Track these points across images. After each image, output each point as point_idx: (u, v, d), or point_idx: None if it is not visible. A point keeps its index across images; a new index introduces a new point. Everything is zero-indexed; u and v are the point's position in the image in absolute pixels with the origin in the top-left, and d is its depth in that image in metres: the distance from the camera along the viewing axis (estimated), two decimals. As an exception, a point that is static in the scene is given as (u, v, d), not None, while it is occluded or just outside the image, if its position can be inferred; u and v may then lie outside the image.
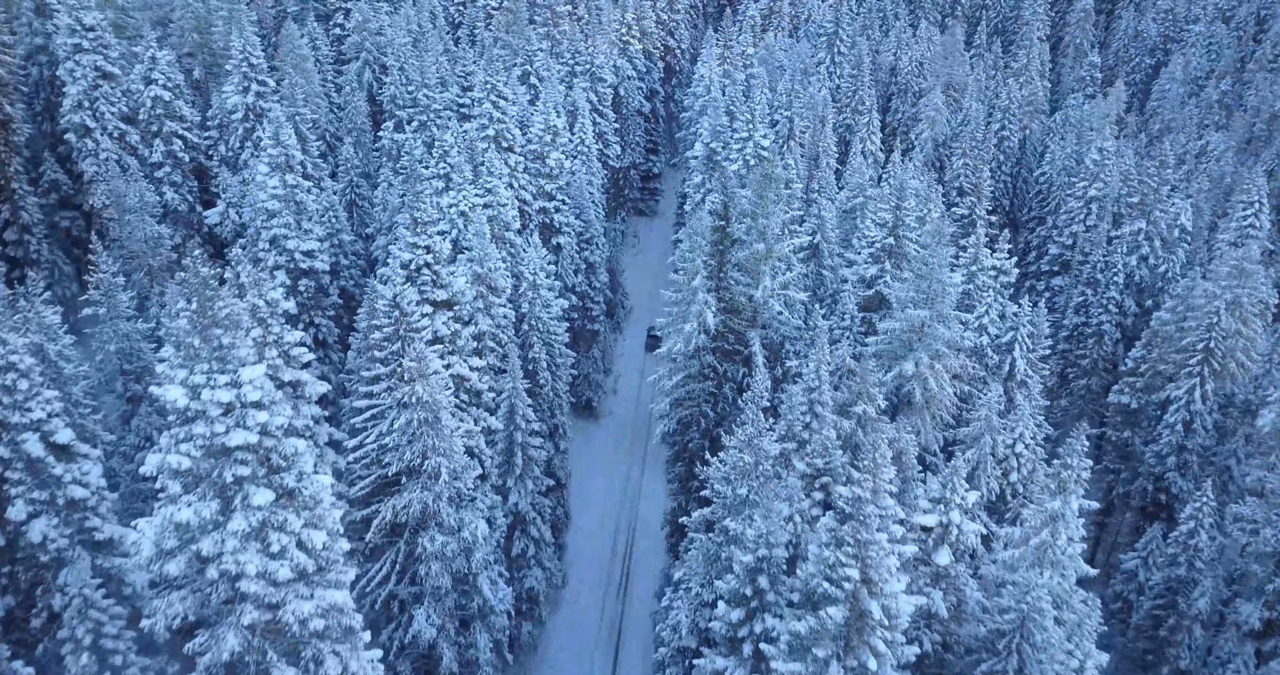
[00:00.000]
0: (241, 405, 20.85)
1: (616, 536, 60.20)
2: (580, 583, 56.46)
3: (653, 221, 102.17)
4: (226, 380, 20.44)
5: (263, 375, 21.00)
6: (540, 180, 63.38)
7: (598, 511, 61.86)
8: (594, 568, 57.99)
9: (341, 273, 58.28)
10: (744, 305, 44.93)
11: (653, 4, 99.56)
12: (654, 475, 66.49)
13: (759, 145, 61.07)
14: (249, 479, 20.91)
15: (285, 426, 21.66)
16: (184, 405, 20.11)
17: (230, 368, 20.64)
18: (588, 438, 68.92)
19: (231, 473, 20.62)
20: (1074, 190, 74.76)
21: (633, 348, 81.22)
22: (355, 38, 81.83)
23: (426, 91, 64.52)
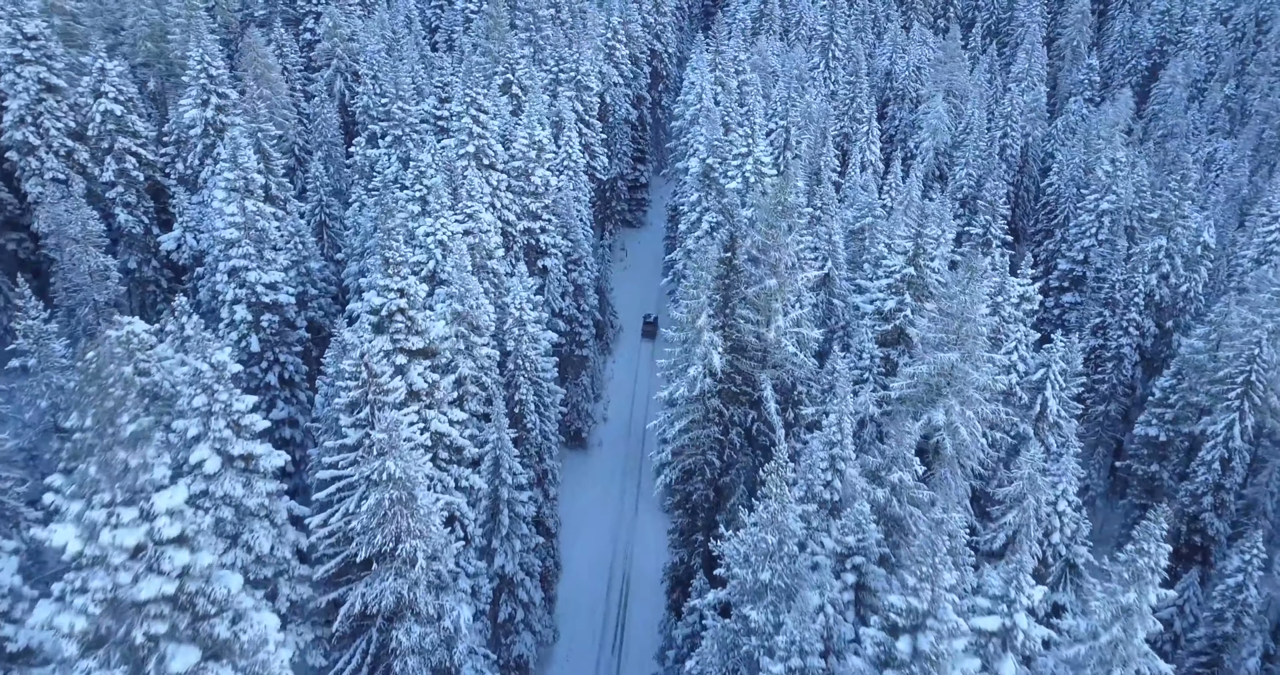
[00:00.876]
0: (156, 543, 16.17)
1: (610, 584, 55.57)
2: (572, 637, 51.82)
3: (640, 233, 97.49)
4: (134, 515, 15.76)
5: (183, 502, 16.29)
6: (525, 199, 58.64)
7: (590, 556, 57.21)
8: (587, 619, 53.37)
9: (310, 303, 53.33)
10: (753, 344, 40.39)
11: (638, 6, 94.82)
12: (649, 511, 62.03)
13: (759, 162, 56.51)
14: (167, 636, 16.25)
15: (214, 563, 16.95)
16: (77, 551, 15.44)
17: (140, 497, 15.92)
18: (578, 471, 64.30)
19: (143, 631, 15.96)
20: (1085, 203, 70.66)
21: (623, 369, 76.70)
22: (325, 44, 76.70)
23: (401, 104, 59.60)
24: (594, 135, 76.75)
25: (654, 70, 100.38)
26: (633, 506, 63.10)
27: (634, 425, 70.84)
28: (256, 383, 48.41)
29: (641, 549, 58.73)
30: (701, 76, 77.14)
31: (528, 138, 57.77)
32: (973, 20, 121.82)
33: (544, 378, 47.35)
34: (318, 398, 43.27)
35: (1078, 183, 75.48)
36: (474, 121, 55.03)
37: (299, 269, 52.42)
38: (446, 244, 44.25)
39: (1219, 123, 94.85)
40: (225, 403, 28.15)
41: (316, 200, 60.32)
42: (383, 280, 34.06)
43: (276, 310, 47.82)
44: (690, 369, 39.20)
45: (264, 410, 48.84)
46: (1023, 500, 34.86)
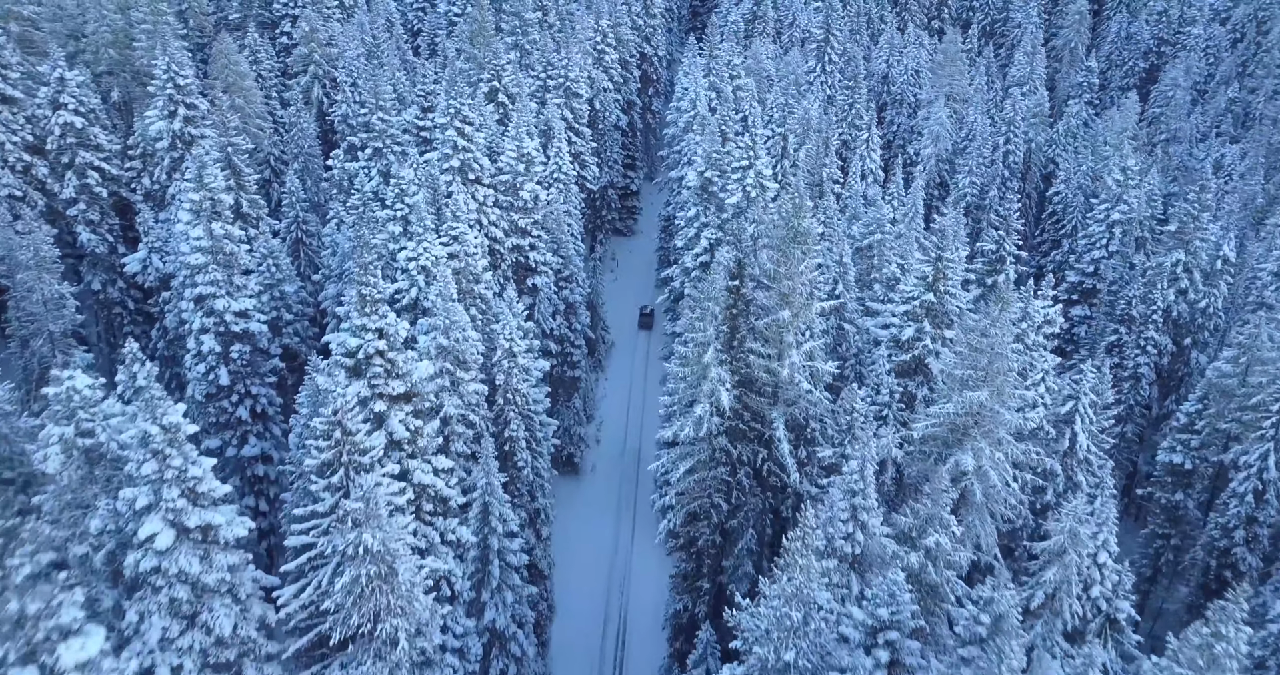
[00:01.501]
0: (63, 705, 12.87)
1: (607, 625, 52.28)
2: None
3: (631, 241, 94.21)
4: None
5: (98, 650, 12.94)
6: (513, 215, 55.23)
7: (585, 593, 53.87)
8: (584, 662, 50.07)
9: (284, 328, 49.81)
10: (764, 380, 37.13)
11: (627, 9, 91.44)
12: (646, 541, 58.70)
13: (760, 175, 53.24)
14: None
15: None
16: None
17: (44, 649, 12.58)
18: (571, 499, 60.89)
19: None
20: (1094, 213, 67.71)
21: (616, 385, 73.44)
22: (302, 49, 73.05)
23: (381, 115, 56.05)
24: (584, 144, 73.38)
25: (644, 74, 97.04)
26: (629, 536, 59.87)
27: (628, 444, 67.65)
28: (227, 417, 44.93)
29: (639, 584, 55.49)
30: (695, 82, 73.87)
31: (516, 150, 54.35)
32: (967, 21, 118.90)
33: (536, 411, 43.97)
34: (291, 436, 39.84)
35: (1085, 191, 72.62)
36: (459, 134, 51.58)
37: (272, 293, 48.89)
38: (430, 270, 40.84)
39: (1223, 127, 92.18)
40: (179, 468, 24.68)
41: (292, 216, 56.77)
42: (359, 319, 30.62)
43: (247, 340, 44.31)
44: (696, 407, 35.92)
45: (235, 445, 45.46)
46: (1063, 555, 31.76)
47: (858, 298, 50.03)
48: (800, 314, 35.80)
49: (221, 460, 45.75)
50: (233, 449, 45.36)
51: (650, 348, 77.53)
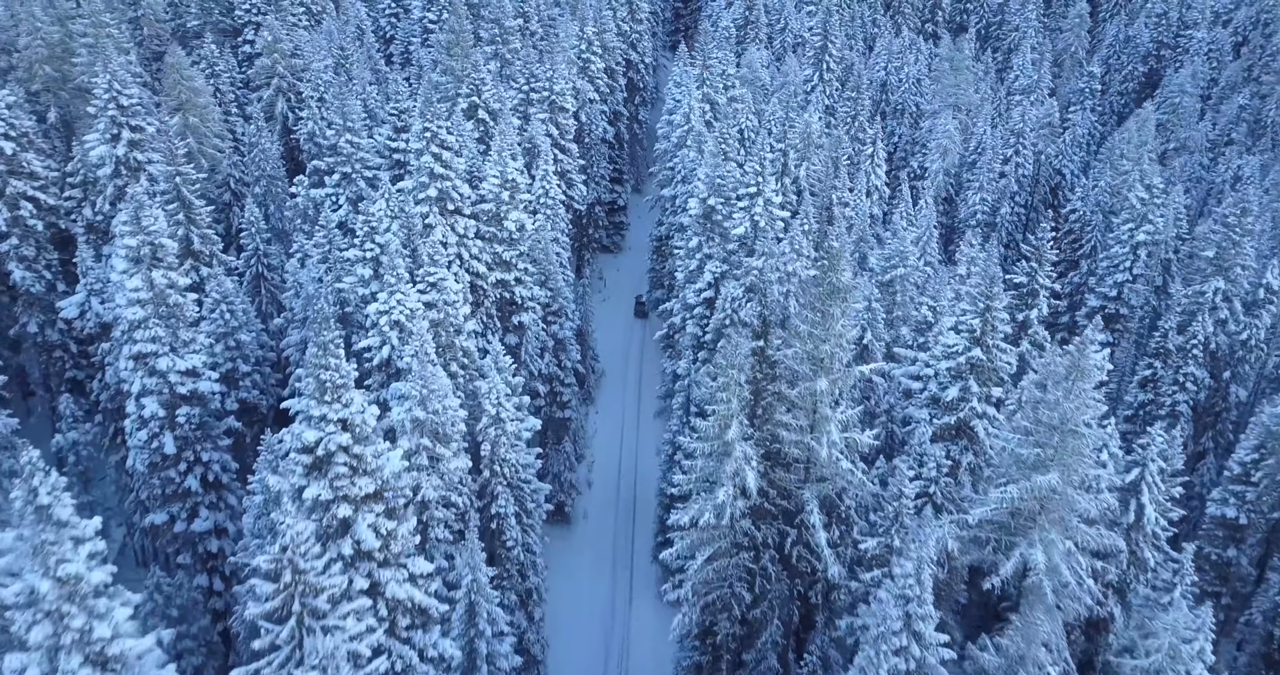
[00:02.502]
0: None
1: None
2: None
3: (619, 258, 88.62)
4: None
5: None
6: (497, 247, 49.64)
7: (581, 663, 48.45)
8: (580, 748, 44.80)
9: (242, 380, 44.02)
10: (795, 455, 31.79)
11: (613, 13, 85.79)
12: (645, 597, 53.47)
13: (769, 202, 47.89)
14: None
15: None
16: None
17: None
18: (562, 552, 55.22)
19: None
20: (1117, 233, 62.91)
21: (608, 417, 67.90)
22: (264, 61, 66.97)
23: (350, 137, 50.26)
24: (570, 161, 67.78)
25: (630, 81, 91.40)
26: (626, 591, 54.49)
27: (622, 484, 62.32)
28: (174, 488, 39.12)
29: (639, 648, 50.14)
30: (688, 94, 68.41)
31: (499, 176, 48.71)
32: (961, 24, 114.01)
33: (526, 478, 38.47)
34: (245, 517, 34.20)
35: (1104, 208, 67.75)
36: (435, 160, 45.88)
37: (227, 342, 43.08)
38: (404, 324, 35.18)
39: (1233, 135, 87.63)
40: (81, 629, 19.04)
41: (252, 249, 50.90)
42: (318, 408, 24.96)
43: (196, 401, 38.52)
44: (719, 491, 30.53)
45: (184, 520, 39.70)
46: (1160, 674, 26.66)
47: (883, 336, 44.83)
48: (838, 382, 30.47)
49: (169, 537, 40.05)
50: (182, 523, 39.59)
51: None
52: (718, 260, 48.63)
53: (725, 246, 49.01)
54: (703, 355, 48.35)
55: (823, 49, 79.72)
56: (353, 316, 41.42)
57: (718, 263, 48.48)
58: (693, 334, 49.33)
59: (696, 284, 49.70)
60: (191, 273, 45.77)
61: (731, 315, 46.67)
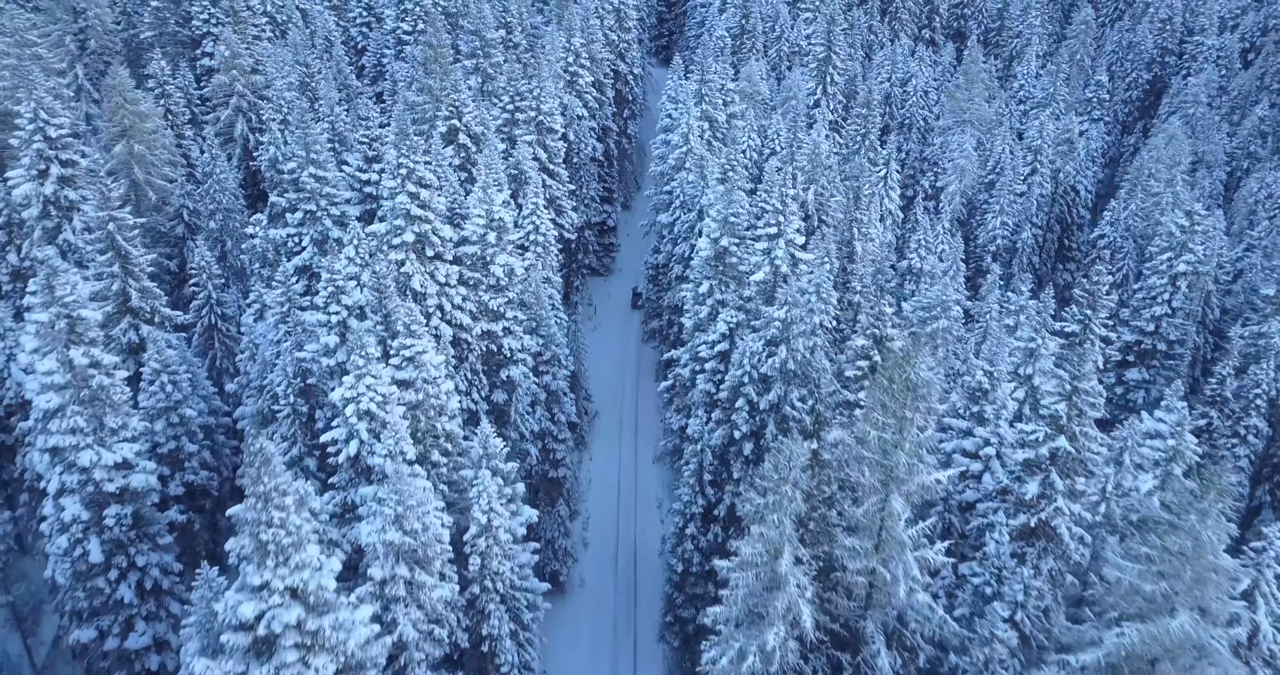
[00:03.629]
0: None
1: None
2: None
3: (609, 282, 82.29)
4: None
5: None
6: (482, 294, 43.28)
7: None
8: None
9: (188, 461, 37.46)
10: (856, 582, 25.69)
11: (600, 22, 79.34)
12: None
13: (792, 244, 41.77)
14: None
15: None
16: None
17: None
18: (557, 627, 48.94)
19: None
20: (1155, 263, 57.23)
21: (603, 465, 61.63)
22: (222, 78, 60.11)
23: (314, 170, 43.67)
24: (560, 186, 61.40)
25: (618, 93, 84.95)
26: (630, 669, 48.50)
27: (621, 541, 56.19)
28: (103, 600, 32.56)
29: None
30: (687, 113, 62.16)
31: (484, 215, 42.32)
32: (959, 31, 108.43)
33: (524, 586, 32.20)
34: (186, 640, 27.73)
35: (1135, 233, 62.14)
36: (412, 200, 39.40)
37: (170, 418, 36.49)
38: (375, 414, 28.76)
39: (1253, 148, 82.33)
40: None
41: (204, 297, 44.32)
42: (258, 575, 18.56)
43: (130, 498, 31.99)
44: (767, 632, 24.36)
45: (117, 636, 33.09)
46: None
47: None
48: (912, 497, 24.38)
49: (100, 655, 33.47)
50: (114, 639, 33.05)
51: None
52: (733, 308, 42.45)
53: (741, 292, 42.85)
54: (717, 415, 42.25)
55: (826, 61, 73.66)
56: (316, 389, 35.00)
57: (733, 311, 42.28)
58: (705, 391, 43.15)
59: (709, 335, 43.49)
60: (130, 332, 39.24)
61: (750, 372, 40.59)
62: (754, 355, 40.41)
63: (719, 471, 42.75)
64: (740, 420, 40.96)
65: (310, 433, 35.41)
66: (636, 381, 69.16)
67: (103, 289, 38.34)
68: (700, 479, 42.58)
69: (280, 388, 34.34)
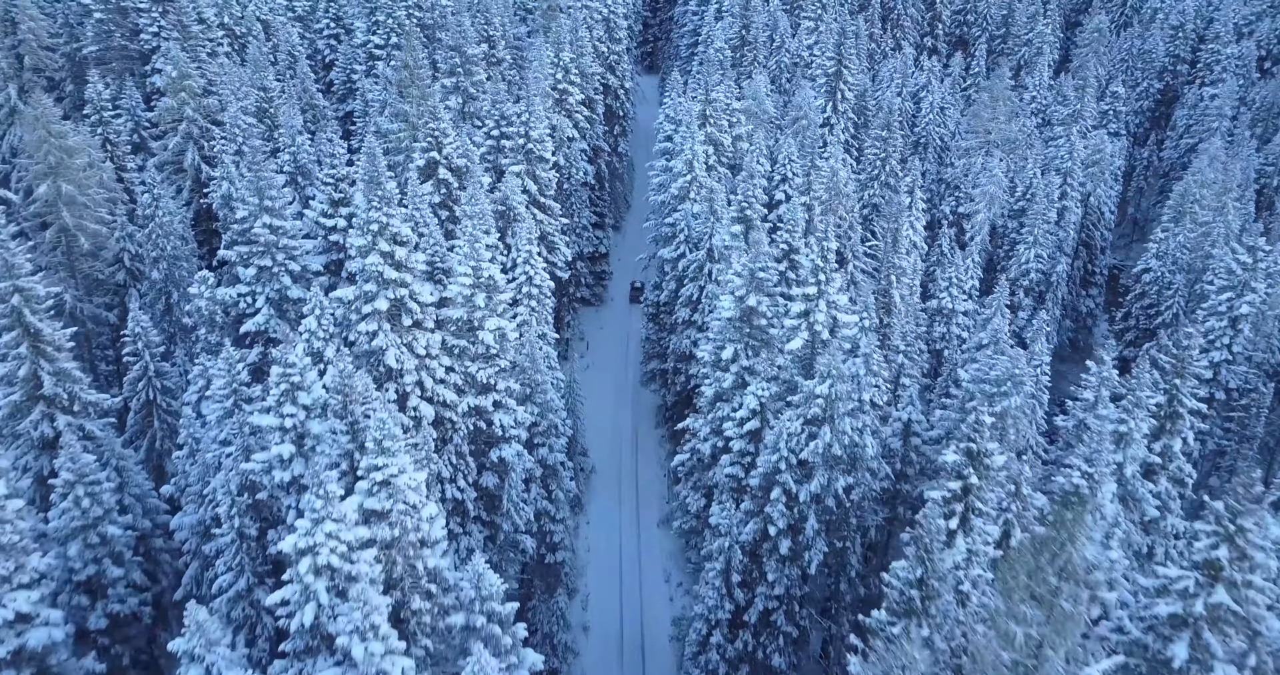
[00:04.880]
0: None
1: None
2: None
3: (601, 312, 75.65)
4: None
5: None
6: (469, 364, 36.46)
7: None
8: None
9: (110, 588, 30.42)
10: None
11: (589, 33, 72.48)
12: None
13: (835, 305, 35.22)
14: None
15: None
16: None
17: None
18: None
19: None
20: (1213, 303, 51.19)
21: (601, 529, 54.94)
22: (170, 101, 52.80)
23: (270, 219, 36.67)
24: (552, 220, 54.61)
25: (608, 108, 78.19)
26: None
27: (627, 625, 49.59)
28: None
29: None
30: (691, 138, 55.43)
31: (472, 274, 35.49)
32: (961, 38, 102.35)
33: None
34: None
35: (1184, 267, 56.12)
36: (386, 260, 32.52)
37: (87, 538, 29.45)
38: (338, 569, 21.93)
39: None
40: None
41: (140, 370, 37.27)
42: None
43: (29, 660, 25.00)
44: None
45: None
46: None
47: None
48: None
49: None
50: None
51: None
52: (764, 379, 35.85)
53: (773, 360, 36.28)
54: (747, 505, 35.76)
55: (836, 75, 67.16)
56: (268, 504, 28.14)
57: (764, 383, 35.70)
58: (732, 475, 36.62)
59: (736, 409, 36.93)
60: (43, 425, 32.15)
61: (787, 457, 34.12)
62: (792, 437, 33.95)
63: (749, 570, 36.30)
64: (776, 513, 34.50)
65: (261, 556, 28.60)
66: (635, 429, 62.63)
67: (8, 373, 31.30)
68: (728, 580, 36.08)
69: (224, 507, 27.47)
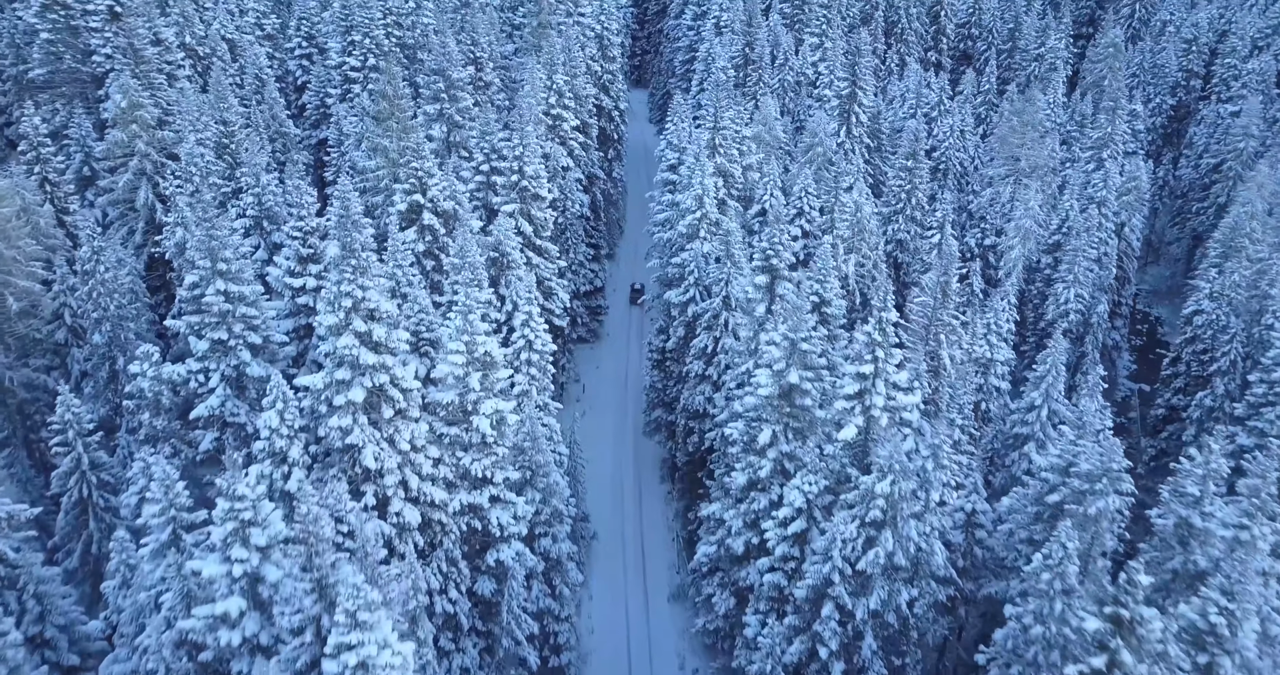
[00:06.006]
0: None
1: None
2: None
3: (597, 350, 69.98)
4: None
5: None
6: (461, 454, 30.70)
7: None
8: None
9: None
10: None
11: (583, 51, 66.77)
12: None
13: (894, 386, 29.64)
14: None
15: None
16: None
17: None
18: None
19: None
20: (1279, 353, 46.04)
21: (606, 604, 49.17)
22: (118, 133, 46.71)
23: (224, 285, 30.76)
24: (549, 263, 48.87)
25: (602, 131, 72.55)
26: None
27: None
28: None
29: None
30: (700, 170, 49.74)
31: (464, 351, 29.70)
32: (965, 53, 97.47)
33: None
34: None
35: (1237, 309, 50.99)
36: (360, 342, 26.74)
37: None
38: None
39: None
40: None
41: (73, 462, 31.27)
42: None
43: None
44: None
45: None
46: None
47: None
48: None
49: None
50: None
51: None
52: (811, 471, 30.22)
53: (820, 448, 30.67)
54: (792, 619, 30.12)
55: (850, 97, 61.82)
56: (216, 668, 22.24)
57: (812, 475, 30.08)
58: (773, 584, 30.97)
59: (776, 503, 31.29)
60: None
61: (841, 568, 28.53)
62: (846, 543, 28.35)
63: None
64: (827, 632, 28.92)
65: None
66: (638, 482, 57.05)
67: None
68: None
69: (159, 670, 21.58)
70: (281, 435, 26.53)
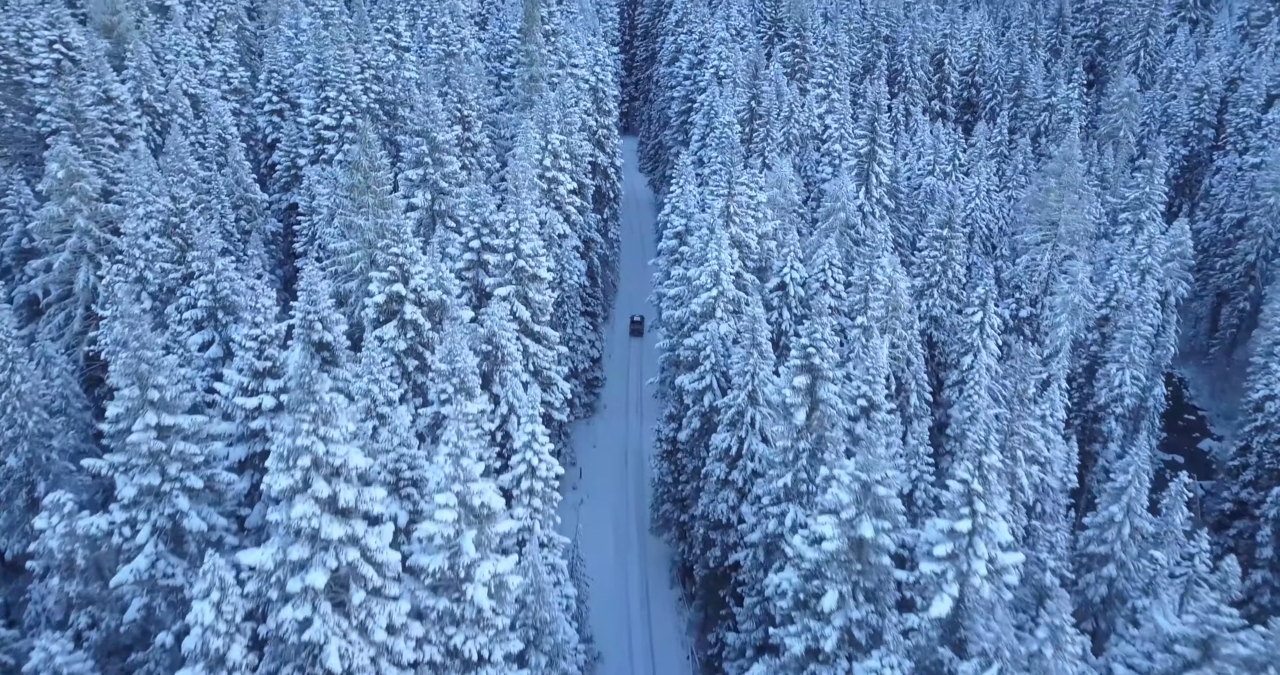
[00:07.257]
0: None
1: None
2: None
3: (594, 423, 63.60)
4: None
5: None
6: (451, 631, 24.10)
7: None
8: None
9: None
10: None
11: (577, 105, 60.88)
12: None
13: (997, 544, 23.40)
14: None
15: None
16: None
17: None
18: None
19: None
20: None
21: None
22: (55, 208, 40.10)
23: (158, 416, 24.23)
24: (547, 351, 42.52)
25: (598, 190, 66.69)
26: None
27: None
28: None
29: None
30: (717, 242, 43.71)
31: (455, 503, 23.19)
32: (969, 101, 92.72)
33: None
34: None
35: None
36: (322, 509, 20.26)
37: None
38: None
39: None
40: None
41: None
42: None
43: None
44: None
45: None
46: None
47: None
48: None
49: None
50: None
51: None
52: (890, 650, 23.79)
53: (903, 619, 24.26)
54: None
55: (870, 155, 56.26)
56: None
57: (893, 657, 23.63)
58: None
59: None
60: None
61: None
62: (942, 749, 21.77)
63: None
64: None
65: None
66: (645, 589, 50.52)
67: None
68: None
69: None
70: (218, 632, 19.93)
